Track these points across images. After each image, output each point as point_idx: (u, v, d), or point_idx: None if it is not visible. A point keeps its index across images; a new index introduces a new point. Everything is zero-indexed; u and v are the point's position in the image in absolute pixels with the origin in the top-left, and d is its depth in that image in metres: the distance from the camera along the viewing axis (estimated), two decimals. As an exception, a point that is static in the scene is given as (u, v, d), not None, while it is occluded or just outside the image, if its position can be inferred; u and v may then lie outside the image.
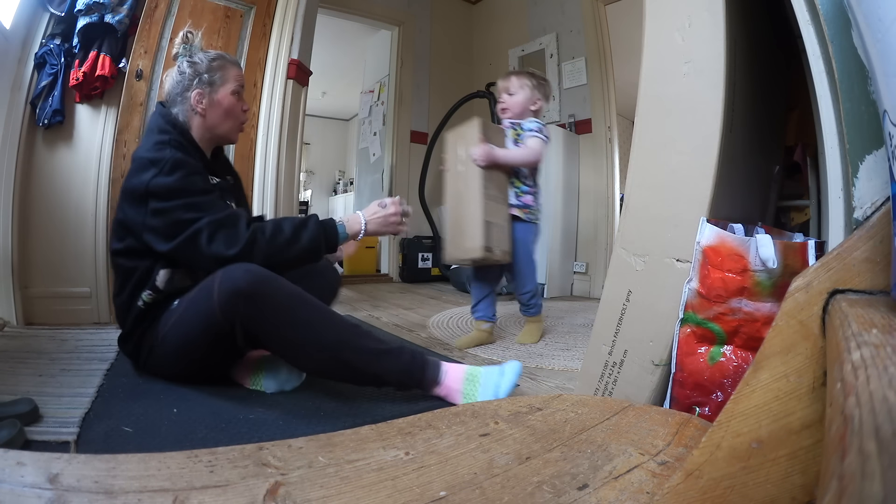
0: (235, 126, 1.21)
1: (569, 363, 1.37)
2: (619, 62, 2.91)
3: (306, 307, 0.95)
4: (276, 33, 2.04)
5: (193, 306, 0.98)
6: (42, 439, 0.77)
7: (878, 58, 0.41)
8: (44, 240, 1.63)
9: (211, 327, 0.94)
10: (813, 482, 0.39)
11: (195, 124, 1.15)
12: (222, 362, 1.06)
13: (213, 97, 1.15)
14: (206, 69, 1.14)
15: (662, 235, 0.89)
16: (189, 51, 1.17)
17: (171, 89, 1.15)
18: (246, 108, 1.22)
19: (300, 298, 0.96)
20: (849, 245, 0.48)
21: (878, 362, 0.27)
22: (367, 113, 3.97)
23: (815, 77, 0.71)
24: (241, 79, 1.21)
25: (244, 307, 0.91)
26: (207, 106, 1.15)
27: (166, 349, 1.02)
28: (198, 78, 1.14)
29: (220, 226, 1.00)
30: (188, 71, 1.14)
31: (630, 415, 0.73)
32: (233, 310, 0.91)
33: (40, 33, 1.61)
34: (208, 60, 1.15)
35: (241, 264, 0.95)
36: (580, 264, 2.96)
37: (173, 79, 1.15)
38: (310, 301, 0.97)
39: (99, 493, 0.45)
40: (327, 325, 0.96)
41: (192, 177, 1.03)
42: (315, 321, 0.95)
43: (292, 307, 0.94)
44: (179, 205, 1.00)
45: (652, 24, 0.94)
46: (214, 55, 1.17)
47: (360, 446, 0.61)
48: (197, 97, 1.13)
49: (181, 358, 1.02)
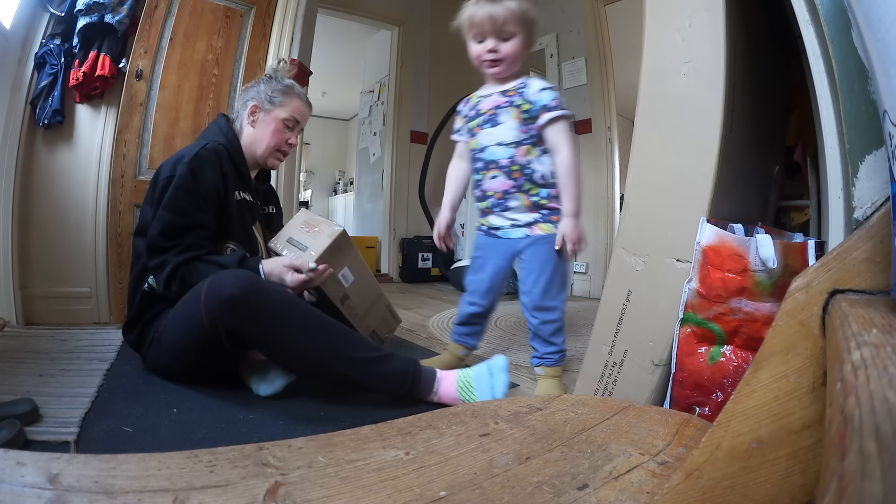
0: (274, 152, 1.24)
1: (569, 363, 1.37)
2: (619, 62, 2.91)
3: (294, 315, 0.94)
4: (276, 33, 2.04)
5: (183, 311, 0.99)
6: (42, 439, 0.77)
7: (878, 58, 0.41)
8: (44, 240, 1.63)
9: (200, 333, 0.94)
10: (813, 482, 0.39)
11: (245, 134, 1.23)
12: (218, 364, 1.06)
13: (266, 115, 1.22)
14: (273, 90, 1.22)
15: (662, 235, 0.89)
16: (274, 73, 1.27)
17: (242, 98, 1.26)
18: (291, 142, 1.26)
19: (289, 304, 0.95)
20: (849, 245, 0.48)
21: (878, 362, 0.27)
22: (367, 113, 3.97)
23: (815, 77, 0.71)
24: (300, 114, 1.26)
25: (230, 314, 0.90)
26: (259, 121, 1.22)
27: (162, 347, 1.04)
28: (263, 94, 1.22)
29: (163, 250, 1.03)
30: (261, 87, 1.23)
31: (630, 415, 0.73)
32: (219, 316, 0.91)
33: (40, 33, 1.61)
34: (280, 85, 1.23)
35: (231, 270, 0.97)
36: (580, 264, 2.96)
37: (247, 89, 1.25)
38: (299, 308, 0.95)
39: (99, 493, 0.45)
40: (316, 334, 0.95)
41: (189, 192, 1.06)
42: (303, 330, 0.94)
43: (279, 315, 0.93)
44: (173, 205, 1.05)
45: (652, 24, 0.94)
46: (289, 83, 1.25)
47: (360, 446, 0.61)
48: (253, 108, 1.22)
49: (176, 359, 1.03)
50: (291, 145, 1.25)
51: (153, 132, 1.75)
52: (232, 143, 1.18)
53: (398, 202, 3.58)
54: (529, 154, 1.09)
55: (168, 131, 1.78)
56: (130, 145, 1.70)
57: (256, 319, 0.91)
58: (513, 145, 1.09)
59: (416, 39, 3.63)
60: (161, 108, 1.77)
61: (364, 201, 4.13)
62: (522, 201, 1.11)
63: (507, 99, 1.09)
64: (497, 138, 1.10)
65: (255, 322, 0.91)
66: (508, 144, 1.09)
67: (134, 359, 1.22)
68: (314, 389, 1.05)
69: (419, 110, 3.65)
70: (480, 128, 1.13)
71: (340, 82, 5.31)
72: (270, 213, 1.34)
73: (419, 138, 3.60)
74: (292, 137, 1.25)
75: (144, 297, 1.10)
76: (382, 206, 3.65)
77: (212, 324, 0.92)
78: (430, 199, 3.45)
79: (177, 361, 1.03)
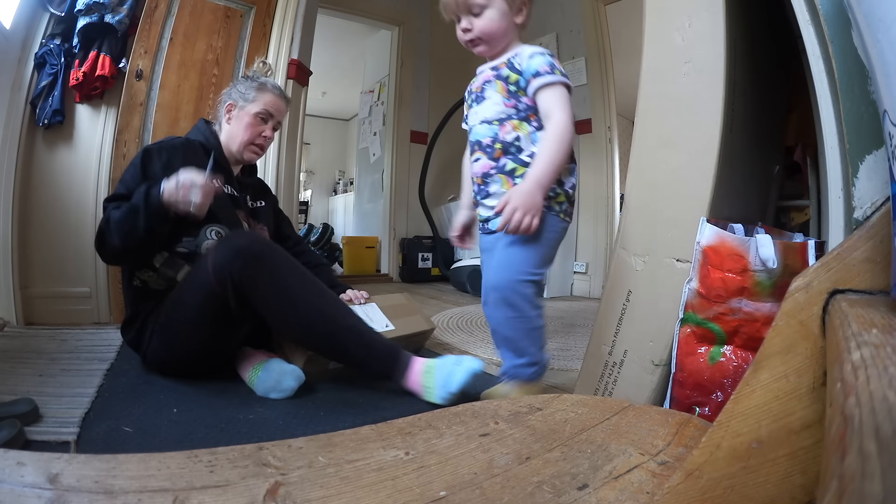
0: (249, 145, 1.26)
1: (569, 363, 1.37)
2: (619, 62, 2.91)
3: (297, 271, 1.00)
4: (276, 33, 2.04)
5: (190, 280, 1.02)
6: (42, 439, 0.77)
7: (878, 58, 0.41)
8: (44, 240, 1.63)
9: (207, 298, 0.97)
10: (813, 482, 0.39)
11: (223, 131, 1.27)
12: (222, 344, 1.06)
13: (240, 111, 1.25)
14: (246, 88, 1.26)
15: (662, 235, 0.89)
16: (253, 73, 1.32)
17: (220, 98, 1.31)
18: (266, 135, 1.28)
19: (295, 265, 1.01)
20: (849, 245, 0.48)
21: (878, 362, 0.27)
22: (367, 113, 3.97)
23: (815, 77, 0.71)
24: (273, 107, 1.28)
25: (239, 264, 0.94)
26: (234, 118, 1.26)
27: (165, 335, 1.04)
28: (236, 93, 1.26)
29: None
30: (237, 86, 1.28)
31: (630, 415, 0.73)
32: (228, 268, 0.94)
33: (40, 33, 1.61)
34: (254, 82, 1.27)
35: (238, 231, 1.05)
36: (580, 264, 2.96)
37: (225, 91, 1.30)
38: (300, 267, 1.01)
39: (99, 493, 0.45)
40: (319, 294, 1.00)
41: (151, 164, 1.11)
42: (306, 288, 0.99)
43: (287, 270, 0.99)
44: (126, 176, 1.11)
45: (652, 24, 0.94)
46: (263, 81, 1.29)
47: (360, 446, 0.61)
48: (229, 107, 1.26)
49: (181, 341, 1.03)
50: (266, 138, 1.28)
51: (153, 132, 1.75)
52: (209, 140, 1.23)
53: (398, 202, 3.58)
54: (518, 130, 0.94)
55: (168, 131, 1.77)
56: (130, 145, 1.70)
57: (262, 267, 0.95)
58: (496, 122, 0.95)
59: (416, 39, 3.63)
60: (161, 108, 1.77)
61: (364, 201, 4.13)
62: (503, 185, 0.95)
63: (496, 72, 0.97)
64: (481, 116, 0.98)
65: (260, 271, 0.95)
66: (492, 122, 0.96)
67: (134, 359, 1.22)
68: (314, 390, 1.05)
69: (419, 110, 3.65)
70: (470, 108, 1.03)
71: (340, 82, 5.31)
72: (258, 206, 1.35)
73: (419, 138, 3.60)
74: (267, 130, 1.27)
75: (137, 293, 1.11)
76: (382, 206, 3.65)
77: (219, 280, 0.94)
78: (430, 200, 3.45)
79: (183, 340, 1.03)
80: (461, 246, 1.14)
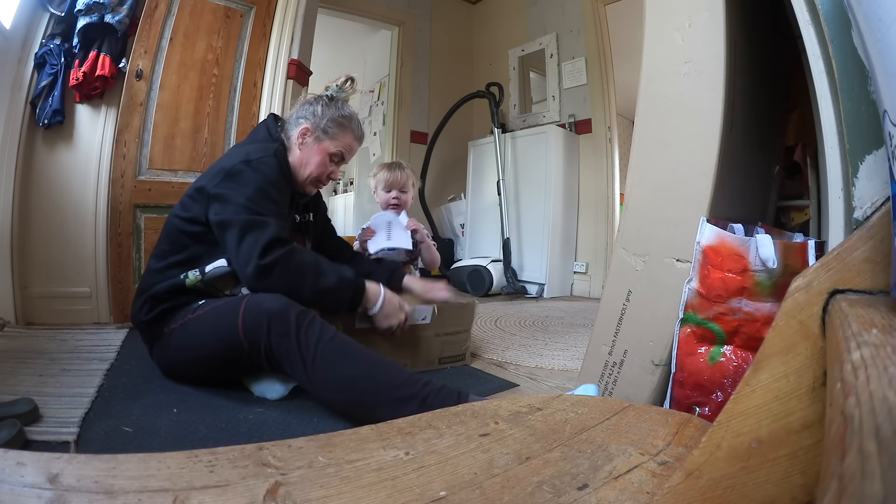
0: (314, 180, 1.19)
1: (569, 363, 1.37)
2: (619, 62, 2.91)
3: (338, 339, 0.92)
4: (276, 33, 2.04)
5: (215, 317, 0.97)
6: (42, 439, 0.77)
7: (878, 58, 0.41)
8: (44, 240, 1.63)
9: (229, 344, 0.93)
10: (813, 482, 0.39)
11: (293, 153, 1.18)
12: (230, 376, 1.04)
13: (316, 143, 1.17)
14: (329, 119, 1.16)
15: (662, 235, 0.89)
16: (338, 94, 1.20)
17: (297, 111, 1.20)
18: (333, 176, 1.21)
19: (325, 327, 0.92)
20: (849, 245, 0.48)
21: (878, 362, 0.27)
22: (368, 113, 3.97)
23: (815, 77, 0.71)
24: (349, 150, 1.21)
25: (269, 327, 0.89)
26: (306, 145, 1.17)
27: (175, 347, 1.02)
28: (319, 119, 1.16)
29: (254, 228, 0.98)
30: (318, 109, 1.17)
31: (630, 415, 0.73)
32: (258, 329, 0.90)
33: (40, 33, 1.61)
34: (338, 114, 1.18)
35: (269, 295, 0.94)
36: (580, 264, 2.96)
37: (306, 104, 1.19)
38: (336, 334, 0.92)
39: (99, 493, 0.45)
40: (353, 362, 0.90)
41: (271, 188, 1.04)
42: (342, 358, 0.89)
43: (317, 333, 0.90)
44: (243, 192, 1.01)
45: (652, 24, 0.94)
46: (347, 114, 1.19)
47: (360, 446, 0.61)
48: (304, 130, 1.16)
49: (190, 362, 1.02)
50: (332, 179, 1.21)
51: (153, 132, 1.75)
52: (283, 168, 1.13)
53: (398, 202, 3.57)
54: None
55: (168, 131, 1.78)
56: (130, 145, 1.70)
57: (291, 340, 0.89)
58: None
59: (416, 39, 3.63)
60: (161, 108, 1.77)
61: (364, 201, 4.13)
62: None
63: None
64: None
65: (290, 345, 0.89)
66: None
67: (134, 359, 1.22)
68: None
69: (419, 110, 3.65)
70: None
71: (340, 82, 5.30)
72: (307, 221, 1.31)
73: (419, 138, 3.60)
74: (335, 172, 1.21)
75: (176, 287, 1.05)
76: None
77: (247, 336, 0.91)
78: (430, 200, 3.45)
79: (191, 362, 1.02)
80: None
